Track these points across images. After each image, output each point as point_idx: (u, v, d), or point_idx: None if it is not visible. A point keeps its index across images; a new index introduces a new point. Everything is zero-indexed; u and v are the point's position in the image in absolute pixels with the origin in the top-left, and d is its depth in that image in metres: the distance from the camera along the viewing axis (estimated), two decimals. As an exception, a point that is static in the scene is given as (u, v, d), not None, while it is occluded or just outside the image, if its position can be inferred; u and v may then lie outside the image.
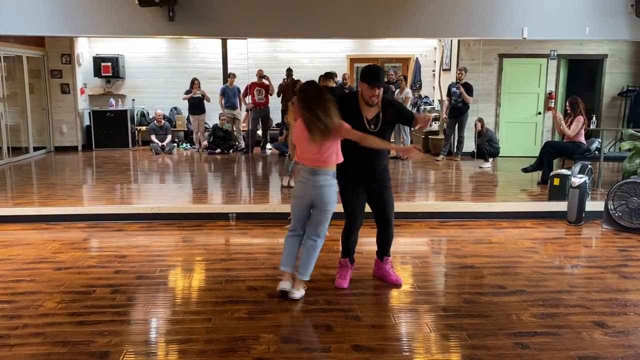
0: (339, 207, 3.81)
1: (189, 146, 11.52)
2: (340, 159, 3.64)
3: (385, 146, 3.85)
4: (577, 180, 5.80)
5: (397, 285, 4.00)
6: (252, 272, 4.26)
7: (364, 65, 4.12)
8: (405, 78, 10.48)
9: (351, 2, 6.42)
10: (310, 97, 3.53)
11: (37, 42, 10.67)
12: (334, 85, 7.44)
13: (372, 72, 3.70)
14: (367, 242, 5.08)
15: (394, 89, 10.02)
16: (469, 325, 3.35)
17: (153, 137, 10.99)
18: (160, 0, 5.81)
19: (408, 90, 10.15)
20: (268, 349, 3.04)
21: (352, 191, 3.86)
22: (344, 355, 2.98)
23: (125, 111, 11.41)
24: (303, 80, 3.96)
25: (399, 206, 6.07)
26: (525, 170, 7.64)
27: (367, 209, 3.97)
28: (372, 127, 3.75)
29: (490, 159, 9.11)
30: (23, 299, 3.74)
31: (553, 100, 10.24)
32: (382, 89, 3.71)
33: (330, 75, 7.48)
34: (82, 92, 11.61)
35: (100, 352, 2.99)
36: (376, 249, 4.13)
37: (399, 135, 9.89)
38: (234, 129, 11.00)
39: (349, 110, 3.72)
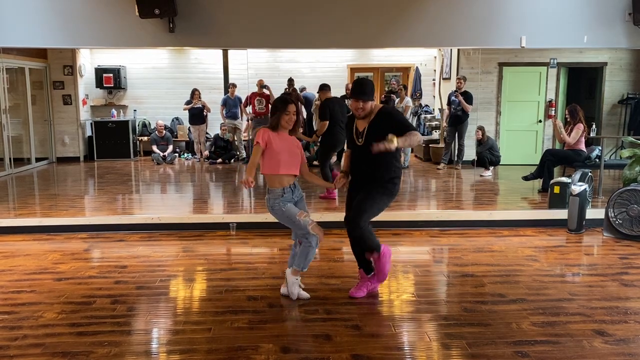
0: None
1: (190, 156, 11.55)
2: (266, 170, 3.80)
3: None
4: (578, 188, 5.80)
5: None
6: (252, 282, 4.26)
7: (364, 74, 4.22)
8: (405, 87, 10.50)
9: (351, 13, 6.46)
10: None
11: (40, 53, 10.76)
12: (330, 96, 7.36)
13: (354, 85, 3.74)
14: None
15: (395, 98, 10.05)
16: (469, 334, 3.34)
17: (154, 148, 11.02)
18: (161, 11, 5.86)
19: (408, 99, 10.18)
20: (268, 358, 3.04)
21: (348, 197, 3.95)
22: (344, 365, 2.98)
23: (126, 122, 11.46)
24: (305, 90, 4.01)
25: (400, 215, 6.13)
26: (526, 178, 7.64)
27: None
28: (360, 139, 3.73)
29: (491, 167, 9.12)
30: (23, 309, 3.74)
31: (553, 109, 10.25)
32: (366, 102, 3.64)
33: (326, 87, 7.41)
34: (84, 103, 11.67)
35: (99, 363, 2.99)
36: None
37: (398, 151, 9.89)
38: (235, 139, 11.04)
39: (349, 124, 3.89)
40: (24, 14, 6.20)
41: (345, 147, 4.06)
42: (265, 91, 10.58)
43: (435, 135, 11.18)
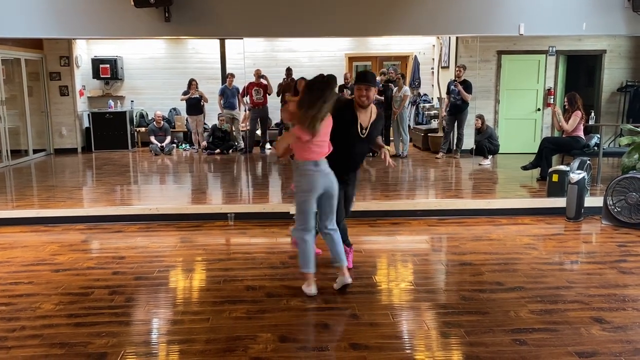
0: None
1: (188, 147, 11.53)
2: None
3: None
4: (576, 176, 5.79)
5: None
6: (251, 272, 4.26)
7: (362, 64, 4.42)
8: (403, 76, 10.45)
9: (349, 1, 6.42)
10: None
11: (36, 44, 10.68)
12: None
13: (360, 73, 4.15)
14: (367, 240, 5.10)
15: (394, 87, 10.02)
16: (467, 323, 3.34)
17: (152, 138, 11.00)
18: (156, 1, 5.82)
19: (406, 88, 10.13)
20: (266, 348, 3.04)
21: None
22: (342, 354, 2.98)
23: (124, 113, 11.42)
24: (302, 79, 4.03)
25: (399, 204, 6.14)
26: (525, 168, 7.64)
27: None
28: (364, 132, 3.97)
29: (490, 156, 9.11)
30: (21, 301, 3.74)
31: (552, 97, 10.22)
32: (370, 89, 3.88)
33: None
34: (81, 94, 11.62)
35: (97, 354, 2.99)
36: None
37: (398, 132, 9.88)
38: (233, 129, 11.00)
39: (343, 113, 3.91)
40: (19, 4, 6.15)
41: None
42: (263, 81, 10.54)
43: (434, 124, 11.16)
